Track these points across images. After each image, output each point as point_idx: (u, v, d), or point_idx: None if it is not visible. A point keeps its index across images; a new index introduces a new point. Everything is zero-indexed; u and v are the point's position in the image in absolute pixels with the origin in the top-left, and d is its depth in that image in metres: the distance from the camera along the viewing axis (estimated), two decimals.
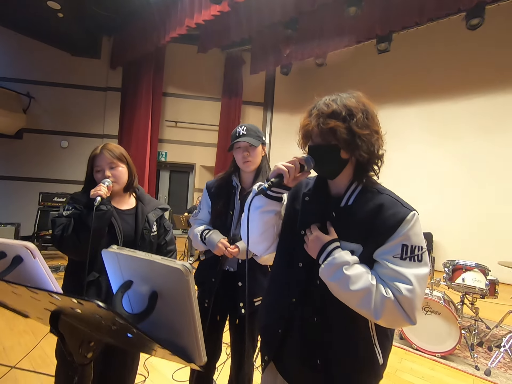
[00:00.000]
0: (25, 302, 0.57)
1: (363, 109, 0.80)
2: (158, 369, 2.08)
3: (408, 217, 0.75)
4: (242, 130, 1.28)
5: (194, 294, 0.51)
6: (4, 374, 1.91)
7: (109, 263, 0.57)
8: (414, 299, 0.71)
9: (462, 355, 2.51)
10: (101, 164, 1.25)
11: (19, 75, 6.91)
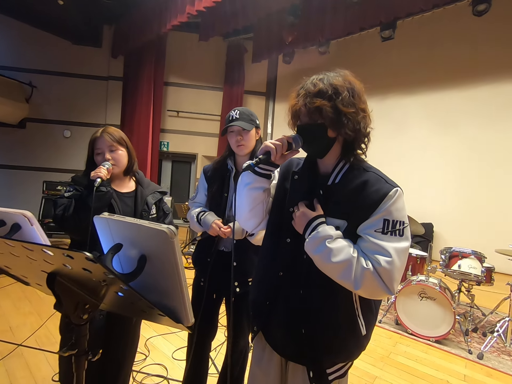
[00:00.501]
0: (23, 265, 0.60)
1: (349, 87, 0.82)
2: (158, 349, 2.16)
3: (390, 193, 0.78)
4: (235, 114, 1.30)
5: (179, 256, 0.55)
6: (11, 351, 1.99)
7: (101, 229, 0.61)
8: (392, 271, 0.74)
9: (456, 340, 2.56)
10: (101, 146, 1.28)
11: (20, 64, 6.91)
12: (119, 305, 0.65)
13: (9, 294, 2.93)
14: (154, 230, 0.52)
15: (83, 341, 0.66)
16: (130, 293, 0.54)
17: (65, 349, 0.64)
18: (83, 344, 0.66)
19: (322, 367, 0.85)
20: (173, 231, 0.52)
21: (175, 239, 0.52)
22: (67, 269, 0.53)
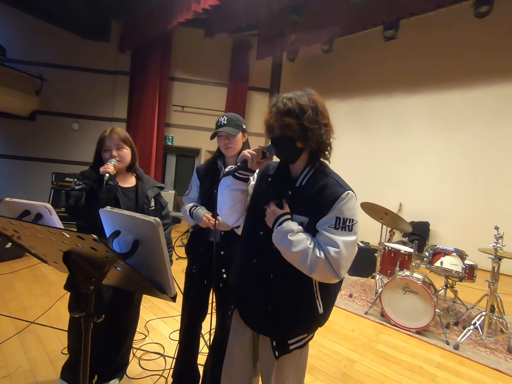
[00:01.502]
0: (45, 245, 0.78)
1: (313, 106, 0.97)
2: (156, 330, 2.36)
3: (342, 195, 0.94)
4: (223, 120, 1.46)
5: (163, 241, 0.71)
6: (25, 327, 2.21)
7: (105, 219, 0.78)
8: (340, 259, 0.90)
9: (436, 332, 2.71)
10: (109, 144, 1.46)
11: (31, 58, 7.11)
12: (118, 279, 0.82)
13: (22, 278, 3.17)
14: (144, 220, 0.69)
15: (90, 307, 0.84)
16: (125, 268, 0.71)
17: (76, 312, 0.82)
18: (90, 309, 0.84)
19: (284, 338, 1.02)
20: (158, 222, 0.69)
21: (160, 228, 0.69)
22: (78, 248, 0.70)
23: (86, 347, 0.86)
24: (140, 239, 0.74)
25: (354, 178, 6.84)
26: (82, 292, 0.81)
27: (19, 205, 0.83)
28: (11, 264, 3.50)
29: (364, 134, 6.84)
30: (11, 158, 7.12)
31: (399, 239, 5.77)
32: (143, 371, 1.85)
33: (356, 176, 6.88)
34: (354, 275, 4.14)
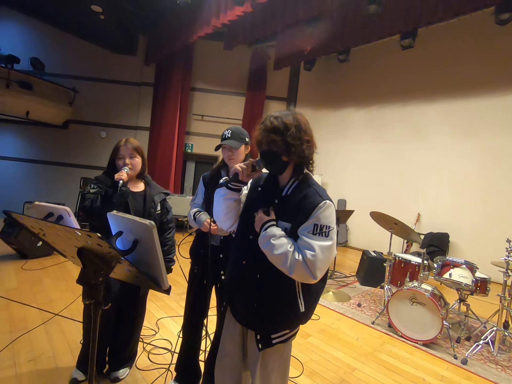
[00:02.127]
0: (64, 242, 0.94)
1: (296, 125, 1.08)
2: (166, 327, 2.51)
3: (320, 204, 1.04)
4: (227, 133, 1.59)
5: (157, 241, 0.85)
6: (50, 318, 2.44)
7: (111, 221, 0.92)
8: (316, 262, 0.99)
9: (445, 345, 2.66)
10: (123, 153, 1.64)
11: (66, 71, 7.73)
12: (121, 273, 0.96)
13: (50, 274, 3.46)
14: (141, 223, 0.83)
15: (99, 295, 0.98)
16: (126, 263, 0.85)
17: (86, 299, 0.97)
18: (99, 298, 0.98)
19: (267, 333, 1.12)
20: (152, 224, 0.82)
21: (154, 230, 0.82)
22: (89, 245, 0.85)
23: (95, 332, 1.01)
24: (139, 238, 0.88)
25: (370, 186, 6.79)
26: (93, 282, 0.96)
27: (45, 208, 1.00)
28: (41, 261, 3.82)
29: (381, 143, 6.78)
30: (44, 163, 7.72)
31: (417, 250, 5.63)
32: (151, 364, 1.99)
33: (373, 184, 6.82)
34: (364, 284, 4.11)
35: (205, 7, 5.65)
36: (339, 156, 7.45)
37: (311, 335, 2.62)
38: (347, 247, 7.04)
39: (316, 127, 6.28)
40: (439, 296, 2.80)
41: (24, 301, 2.68)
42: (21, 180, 7.68)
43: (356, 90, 7.24)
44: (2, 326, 2.28)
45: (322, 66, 7.60)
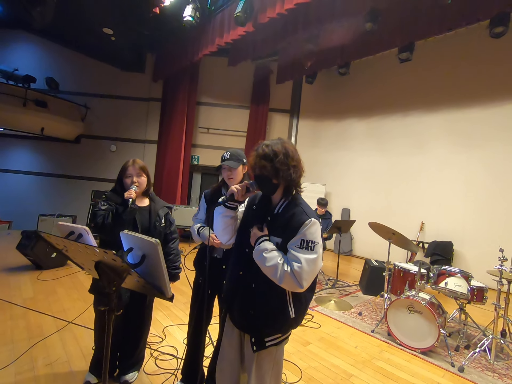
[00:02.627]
0: (83, 256, 1.10)
1: (284, 152, 1.24)
2: (172, 335, 2.64)
3: (306, 222, 1.18)
4: (226, 155, 1.76)
5: (162, 256, 1.00)
6: (64, 326, 2.60)
7: (123, 239, 1.08)
8: (302, 273, 1.13)
9: (443, 353, 2.72)
10: (131, 172, 1.81)
11: (79, 89, 8.12)
12: (131, 283, 1.11)
13: (63, 284, 3.64)
14: (148, 241, 0.98)
15: (112, 303, 1.14)
16: (135, 275, 1.01)
17: (101, 306, 1.13)
18: (112, 305, 1.14)
19: (261, 336, 1.25)
20: (158, 242, 0.98)
21: (159, 247, 0.98)
22: (104, 259, 1.01)
23: (108, 336, 1.16)
24: (146, 253, 1.03)
25: (374, 195, 6.87)
26: (107, 291, 1.12)
27: (67, 227, 1.17)
28: (55, 272, 4.01)
29: (382, 152, 6.89)
30: (58, 177, 8.05)
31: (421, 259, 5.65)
32: (158, 369, 2.12)
33: (376, 194, 6.90)
34: (366, 293, 4.17)
35: (209, 27, 5.94)
36: (342, 166, 7.57)
37: (311, 343, 2.72)
38: (351, 256, 7.08)
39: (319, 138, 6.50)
40: (437, 304, 2.87)
41: (40, 310, 2.86)
42: (36, 193, 8.00)
43: (357, 102, 7.40)
44: (21, 333, 2.45)
45: (324, 79, 7.81)
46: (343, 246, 7.18)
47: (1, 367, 1.99)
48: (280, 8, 4.56)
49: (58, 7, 4.47)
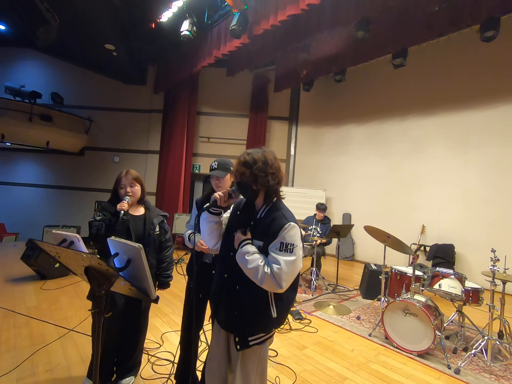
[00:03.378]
0: (74, 262, 1.18)
1: (263, 160, 1.31)
2: (170, 341, 2.69)
3: (285, 226, 1.24)
4: (214, 165, 1.84)
5: (145, 260, 1.07)
6: (65, 333, 2.67)
7: (110, 245, 1.16)
8: (281, 274, 1.19)
9: (440, 356, 2.72)
10: (124, 183, 1.90)
11: (82, 103, 8.37)
12: (119, 287, 1.19)
13: (66, 293, 3.73)
14: (132, 246, 1.06)
15: (101, 305, 1.21)
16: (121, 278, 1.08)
17: (91, 309, 1.20)
18: (101, 307, 1.21)
19: (244, 335, 1.30)
20: (141, 247, 1.05)
21: (142, 251, 1.05)
22: (92, 264, 1.09)
23: (99, 338, 1.23)
24: (131, 258, 1.11)
25: (374, 200, 6.90)
26: (97, 295, 1.19)
27: (60, 235, 1.25)
28: (58, 281, 4.10)
29: (382, 157, 6.94)
30: (63, 188, 8.23)
31: (421, 262, 5.64)
32: (154, 374, 2.17)
33: (376, 198, 6.92)
34: (366, 298, 4.18)
35: (207, 40, 6.12)
36: (342, 172, 7.62)
37: (307, 347, 2.74)
38: (354, 261, 7.06)
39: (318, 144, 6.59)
40: (433, 307, 2.88)
41: (43, 318, 2.94)
42: (42, 205, 8.19)
43: (355, 107, 7.49)
44: (24, 340, 2.52)
45: (321, 86, 7.93)
46: (345, 251, 7.18)
47: (4, 373, 2.06)
48: (274, 20, 4.69)
49: (61, 26, 4.67)
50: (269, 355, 2.52)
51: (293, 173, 8.43)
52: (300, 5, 4.26)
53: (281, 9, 4.53)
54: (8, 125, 6.81)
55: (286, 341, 2.83)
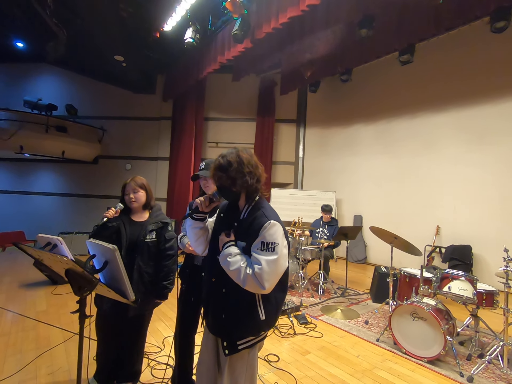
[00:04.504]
0: (57, 265, 1.19)
1: (238, 161, 1.29)
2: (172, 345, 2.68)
3: (265, 225, 1.21)
4: (202, 166, 1.84)
5: (120, 261, 1.07)
6: (69, 337, 2.72)
7: (89, 247, 1.17)
8: (262, 274, 1.16)
9: (453, 363, 2.57)
10: (128, 189, 1.92)
11: (95, 113, 8.66)
12: (99, 289, 1.19)
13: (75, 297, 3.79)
14: (106, 247, 1.06)
15: (83, 308, 1.22)
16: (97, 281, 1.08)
17: (74, 311, 1.20)
18: (83, 309, 1.22)
19: (232, 339, 1.27)
20: (115, 248, 1.05)
21: (116, 252, 1.05)
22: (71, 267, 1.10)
23: (81, 339, 1.24)
24: (108, 260, 1.11)
25: (386, 201, 6.71)
26: (79, 297, 1.20)
27: (45, 239, 1.28)
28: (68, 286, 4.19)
29: (392, 156, 6.75)
30: (77, 196, 8.51)
31: (435, 265, 5.40)
32: (153, 378, 2.17)
33: (388, 199, 6.73)
34: (376, 301, 4.03)
35: (211, 46, 6.21)
36: (351, 173, 7.47)
37: (311, 352, 2.66)
38: (366, 264, 6.87)
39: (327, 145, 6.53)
40: (444, 311, 2.74)
41: (50, 322, 3.01)
42: (58, 213, 8.49)
43: (363, 107, 7.36)
44: (30, 344, 2.59)
45: (327, 87, 7.86)
46: (357, 254, 7.00)
47: (8, 376, 2.11)
48: (275, 23, 4.69)
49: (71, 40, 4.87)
50: (270, 360, 2.48)
51: (302, 176, 8.35)
52: (300, 6, 4.24)
53: (281, 12, 4.52)
54: (26, 137, 7.13)
55: (289, 346, 2.76)
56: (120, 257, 1.06)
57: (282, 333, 2.98)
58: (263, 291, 1.20)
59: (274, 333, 2.98)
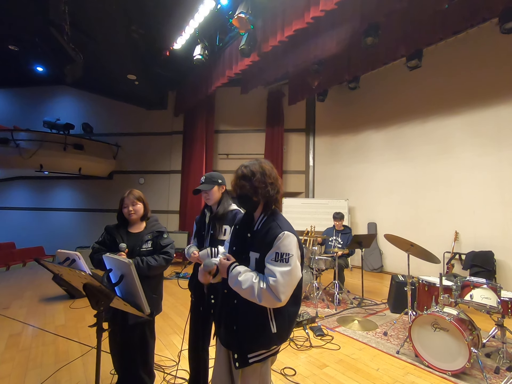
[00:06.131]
0: (75, 280, 1.23)
1: (261, 171, 1.31)
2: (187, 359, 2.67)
3: (279, 235, 1.22)
4: (202, 180, 1.91)
5: (136, 275, 1.10)
6: (87, 351, 2.76)
7: (106, 261, 1.20)
8: (278, 286, 1.15)
9: (479, 376, 2.44)
10: (127, 202, 1.98)
11: (110, 130, 8.98)
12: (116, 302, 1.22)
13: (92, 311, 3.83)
14: (123, 262, 1.09)
15: (101, 321, 1.24)
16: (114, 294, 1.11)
17: (92, 325, 1.23)
18: (101, 323, 1.24)
19: (243, 352, 1.26)
20: (131, 262, 1.08)
21: (132, 266, 1.08)
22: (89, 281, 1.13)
23: (99, 352, 1.26)
24: (124, 274, 1.14)
25: (401, 207, 6.58)
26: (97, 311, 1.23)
27: (64, 254, 1.33)
28: (86, 300, 4.26)
29: (405, 161, 6.65)
30: (94, 211, 8.73)
31: (455, 273, 5.21)
32: None
33: (403, 205, 6.59)
34: (394, 312, 3.91)
35: (219, 61, 6.38)
36: (364, 179, 7.38)
37: (328, 365, 2.59)
38: (382, 273, 6.69)
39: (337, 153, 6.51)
40: (467, 321, 2.63)
41: (69, 336, 3.06)
42: (76, 228, 8.73)
43: (372, 113, 7.33)
44: (49, 358, 2.64)
45: (335, 95, 7.88)
46: (372, 263, 6.84)
47: None
48: (281, 36, 4.79)
49: (86, 63, 5.12)
50: (287, 374, 2.43)
51: (313, 184, 8.31)
52: (305, 19, 4.33)
53: (287, 25, 4.63)
54: (46, 155, 7.45)
55: (305, 359, 2.70)
56: (136, 271, 1.08)
57: (298, 346, 2.92)
58: (279, 304, 1.18)
59: (290, 345, 2.92)
